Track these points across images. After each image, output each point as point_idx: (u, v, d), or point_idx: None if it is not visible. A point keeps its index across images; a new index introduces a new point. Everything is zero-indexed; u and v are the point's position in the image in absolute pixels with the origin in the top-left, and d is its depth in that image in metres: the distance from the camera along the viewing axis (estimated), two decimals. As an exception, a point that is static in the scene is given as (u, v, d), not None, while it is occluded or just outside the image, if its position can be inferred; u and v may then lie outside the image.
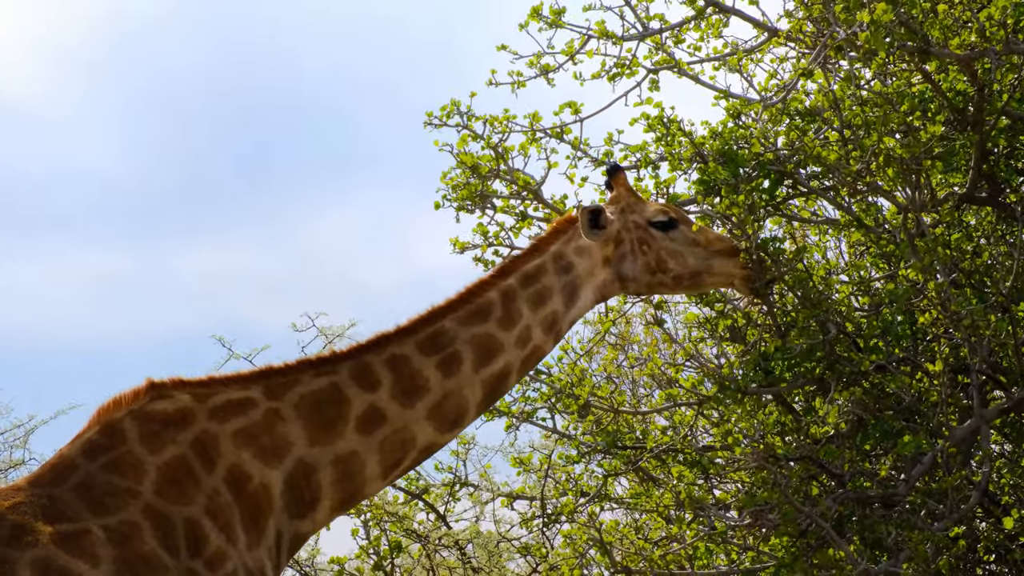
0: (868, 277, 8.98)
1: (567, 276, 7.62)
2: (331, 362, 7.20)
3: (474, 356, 7.36)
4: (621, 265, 7.72)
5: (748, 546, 8.32)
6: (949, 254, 8.36)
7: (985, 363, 8.43)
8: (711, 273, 7.80)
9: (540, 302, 7.54)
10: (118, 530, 6.49)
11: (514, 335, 7.44)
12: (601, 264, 7.70)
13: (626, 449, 9.27)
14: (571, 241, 7.68)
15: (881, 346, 8.36)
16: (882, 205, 9.32)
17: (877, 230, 8.88)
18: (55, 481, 6.61)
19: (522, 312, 7.47)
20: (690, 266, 7.75)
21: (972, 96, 8.74)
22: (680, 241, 7.75)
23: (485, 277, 7.53)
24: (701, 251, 7.79)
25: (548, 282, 7.59)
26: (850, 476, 8.12)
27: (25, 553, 6.31)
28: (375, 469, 7.17)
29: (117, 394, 6.88)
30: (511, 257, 7.75)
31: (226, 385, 7.04)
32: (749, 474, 8.72)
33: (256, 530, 6.82)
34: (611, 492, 9.59)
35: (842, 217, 9.05)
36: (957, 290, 8.49)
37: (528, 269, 7.57)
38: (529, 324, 7.48)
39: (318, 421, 7.07)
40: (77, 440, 6.78)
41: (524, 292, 7.51)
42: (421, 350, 7.29)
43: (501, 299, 7.46)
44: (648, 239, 7.73)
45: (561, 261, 7.64)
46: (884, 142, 8.36)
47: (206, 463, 6.82)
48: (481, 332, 7.39)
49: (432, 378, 7.26)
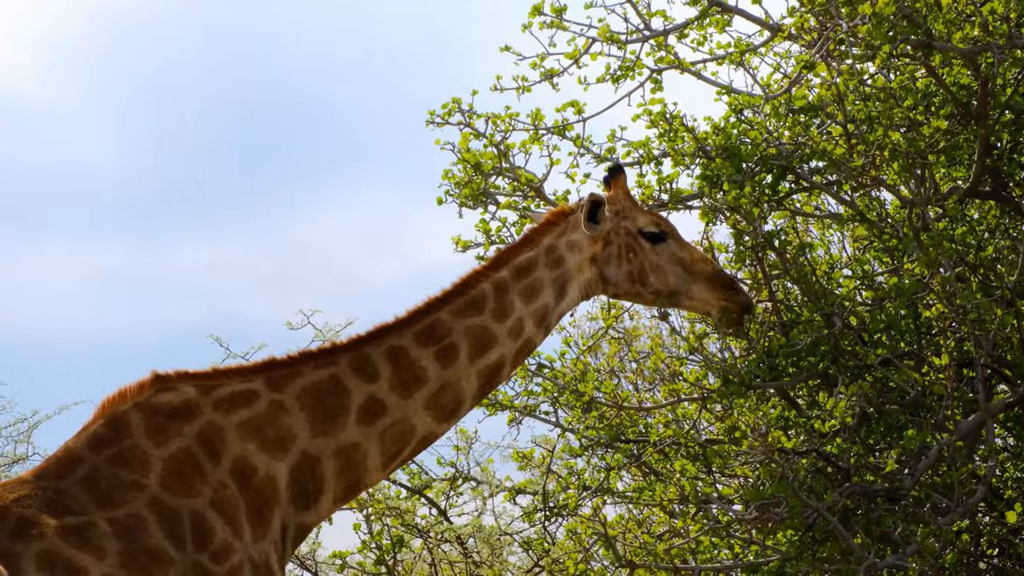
0: (872, 272, 8.98)
1: (558, 270, 7.64)
2: (332, 353, 7.23)
3: (470, 347, 7.39)
4: (606, 267, 7.72)
5: (752, 540, 8.32)
6: (954, 248, 8.36)
7: (990, 357, 8.43)
8: (689, 297, 7.77)
9: (532, 295, 7.56)
10: (124, 523, 6.49)
11: (507, 327, 7.48)
12: (588, 262, 7.72)
13: (629, 443, 9.27)
14: (563, 235, 7.69)
15: (886, 340, 8.36)
16: (885, 200, 9.33)
17: (881, 225, 8.89)
18: (61, 474, 6.61)
19: (515, 304, 7.51)
20: (669, 285, 7.74)
21: (976, 90, 8.74)
22: (665, 256, 7.74)
23: (479, 268, 7.56)
24: (683, 272, 7.77)
25: (540, 275, 7.61)
26: (856, 470, 8.12)
27: (30, 546, 6.31)
28: (376, 460, 7.20)
29: (122, 386, 6.89)
30: (504, 248, 7.77)
31: (230, 377, 7.07)
32: (753, 468, 8.73)
33: (262, 523, 6.82)
34: (613, 486, 9.59)
35: (845, 212, 9.06)
36: (962, 284, 8.50)
37: (520, 262, 7.59)
38: (521, 316, 7.52)
39: (320, 412, 7.09)
40: (82, 433, 6.78)
41: (517, 285, 7.54)
42: (419, 341, 7.32)
43: (494, 291, 7.49)
44: (636, 248, 7.73)
45: (552, 255, 7.66)
46: (889, 136, 8.36)
47: (212, 455, 6.82)
48: (476, 324, 7.42)
49: (430, 368, 7.29)
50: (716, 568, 8.52)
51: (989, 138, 8.80)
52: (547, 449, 11.23)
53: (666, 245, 7.73)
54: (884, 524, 7.97)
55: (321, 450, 7.06)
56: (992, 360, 8.53)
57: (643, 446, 9.20)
